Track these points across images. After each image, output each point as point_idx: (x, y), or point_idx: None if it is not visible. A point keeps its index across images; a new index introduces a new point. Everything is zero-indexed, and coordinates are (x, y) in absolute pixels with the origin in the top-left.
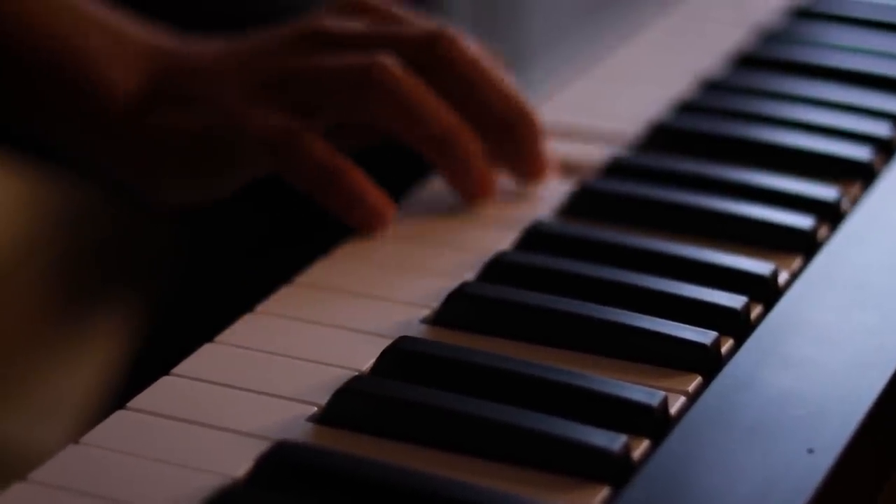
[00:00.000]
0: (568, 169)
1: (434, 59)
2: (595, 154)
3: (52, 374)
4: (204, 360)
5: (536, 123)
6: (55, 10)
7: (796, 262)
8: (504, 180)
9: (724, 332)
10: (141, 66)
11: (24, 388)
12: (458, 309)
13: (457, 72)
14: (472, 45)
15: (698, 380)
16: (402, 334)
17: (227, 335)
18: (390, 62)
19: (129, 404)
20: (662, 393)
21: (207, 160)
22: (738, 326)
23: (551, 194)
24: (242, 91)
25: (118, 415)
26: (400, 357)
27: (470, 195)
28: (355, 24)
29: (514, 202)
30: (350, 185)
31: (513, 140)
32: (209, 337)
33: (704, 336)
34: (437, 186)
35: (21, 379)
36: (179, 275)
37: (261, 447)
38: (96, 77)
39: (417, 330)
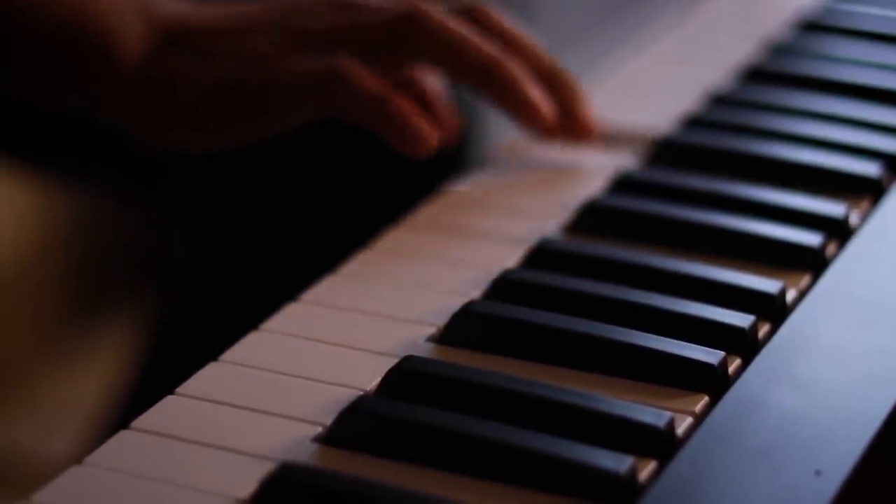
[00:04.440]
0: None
1: (473, 20)
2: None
3: (59, 383)
4: (208, 379)
5: (575, 81)
6: None
7: (804, 280)
8: (507, 198)
9: (731, 351)
10: (154, 17)
11: (32, 397)
12: (464, 327)
13: (496, 29)
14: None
15: (705, 400)
16: (407, 353)
17: (232, 354)
18: (430, 7)
19: (133, 424)
20: (669, 414)
21: (230, 112)
22: (746, 346)
23: (562, 206)
24: (274, 44)
25: (122, 435)
26: (405, 377)
27: (527, 117)
28: None
29: (521, 218)
30: (400, 111)
31: (556, 94)
32: (216, 350)
33: (712, 356)
34: (442, 203)
35: (28, 388)
36: (189, 284)
37: (265, 468)
38: (108, 29)
39: (423, 349)
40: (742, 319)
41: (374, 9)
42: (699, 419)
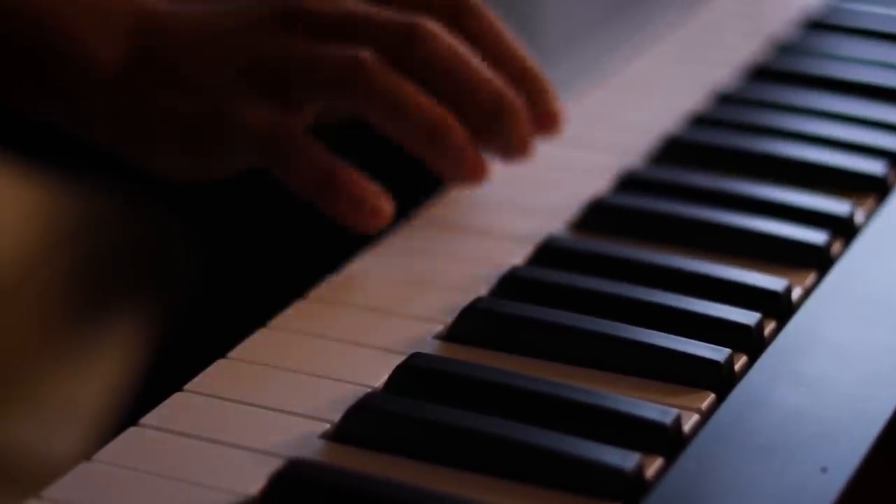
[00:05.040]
0: None
1: (414, 54)
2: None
3: (63, 381)
4: (217, 376)
5: (518, 112)
6: None
7: (810, 278)
8: (514, 196)
9: (737, 348)
10: (124, 28)
11: (37, 396)
12: (471, 324)
13: (436, 66)
14: (452, 37)
15: (711, 397)
16: (415, 350)
17: (240, 350)
18: (372, 58)
19: (142, 421)
20: (675, 411)
21: (197, 142)
22: (752, 343)
23: (568, 204)
24: (228, 77)
25: (130, 431)
26: (413, 374)
27: (463, 181)
28: (335, 4)
29: (528, 215)
30: (349, 187)
31: (496, 129)
32: (223, 347)
33: (718, 353)
34: (449, 201)
35: (33, 386)
36: (194, 283)
37: (274, 465)
38: (77, 40)
39: (430, 346)
40: (748, 317)
41: (318, 45)
42: (705, 416)
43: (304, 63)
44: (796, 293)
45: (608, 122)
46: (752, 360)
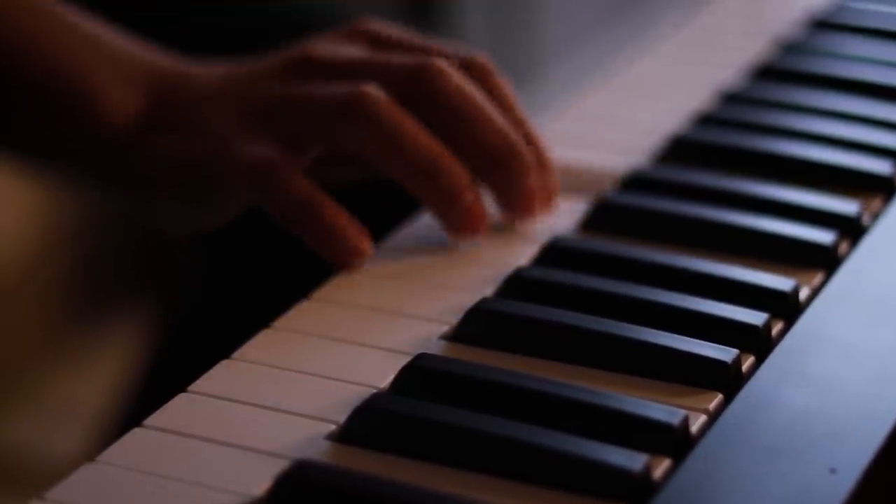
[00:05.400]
0: (581, 182)
1: (421, 92)
2: (609, 165)
3: (64, 382)
4: (221, 376)
5: (526, 160)
6: (47, 27)
7: (817, 278)
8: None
9: (744, 349)
10: (139, 86)
11: (38, 396)
12: (477, 325)
13: (444, 104)
14: (464, 79)
15: (719, 398)
16: (420, 351)
17: (245, 351)
18: (375, 91)
19: (146, 422)
20: (683, 412)
21: (197, 190)
22: (760, 343)
23: (571, 207)
24: (233, 121)
25: (134, 433)
26: (419, 374)
27: (457, 230)
28: (346, 51)
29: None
30: (327, 220)
31: (502, 176)
32: (224, 348)
33: (725, 353)
34: None
35: (34, 386)
36: (197, 283)
37: (279, 466)
38: (92, 97)
39: (436, 346)
40: (755, 317)
41: (318, 86)
42: (713, 417)
43: (305, 99)
44: (804, 293)
45: (613, 122)
46: (760, 360)
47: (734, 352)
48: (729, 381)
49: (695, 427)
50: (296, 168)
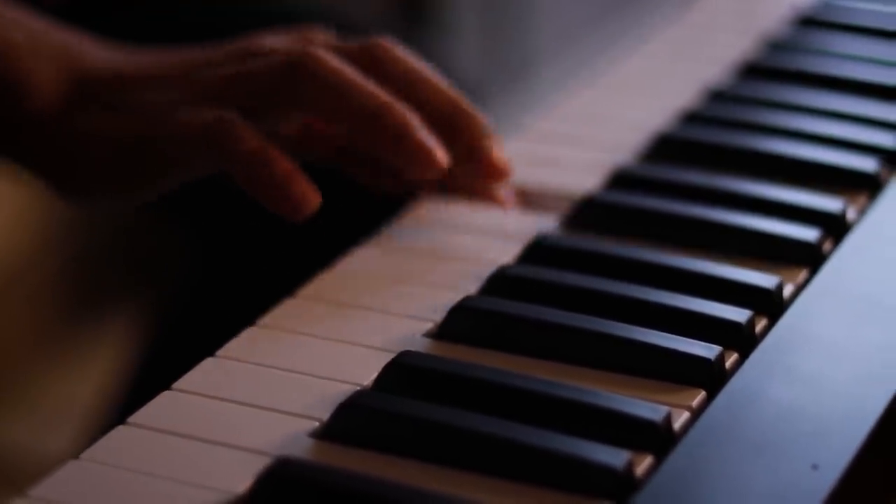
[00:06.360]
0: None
1: (372, 60)
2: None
3: (56, 381)
4: (205, 374)
5: (480, 121)
6: None
7: (801, 275)
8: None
9: (728, 346)
10: (65, 65)
11: (30, 396)
12: (460, 323)
13: (395, 69)
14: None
15: (702, 395)
16: (404, 348)
17: (229, 349)
18: (319, 51)
19: (130, 419)
20: (666, 408)
21: (137, 167)
22: (743, 340)
23: (562, 197)
24: (171, 99)
25: (118, 430)
26: (402, 372)
27: (413, 169)
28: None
29: (518, 214)
30: (277, 172)
31: (459, 137)
32: (216, 347)
33: (708, 350)
34: (438, 200)
35: (26, 386)
36: (187, 283)
37: (262, 463)
38: (18, 73)
39: (420, 344)
40: (739, 314)
41: (263, 58)
42: (696, 414)
43: (252, 71)
44: (788, 290)
45: (600, 120)
46: (744, 357)
47: (717, 349)
48: (712, 378)
49: (678, 424)
50: (244, 123)
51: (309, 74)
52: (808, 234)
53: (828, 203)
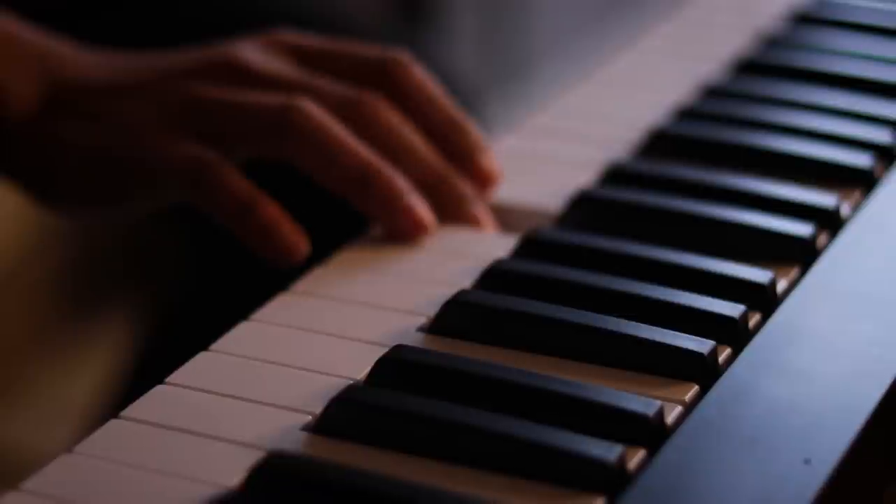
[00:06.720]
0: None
1: (360, 115)
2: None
3: (54, 378)
4: (198, 368)
5: (477, 137)
6: None
7: (795, 271)
8: (499, 189)
9: (721, 341)
10: (41, 71)
11: (27, 393)
12: (454, 317)
13: (384, 120)
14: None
15: (695, 389)
16: (398, 343)
17: (222, 343)
18: (308, 105)
19: (123, 413)
20: (659, 402)
21: (109, 180)
22: (736, 335)
23: (557, 192)
24: (151, 114)
25: (111, 424)
26: (396, 366)
27: (398, 233)
28: (279, 65)
29: (512, 210)
30: (265, 219)
31: (456, 153)
32: (211, 342)
33: (702, 345)
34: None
35: (23, 383)
36: (184, 280)
37: (255, 457)
38: None
39: (414, 338)
40: (732, 309)
41: (244, 95)
42: (689, 408)
43: (236, 106)
44: (781, 286)
45: (594, 116)
46: (737, 352)
47: (710, 343)
48: (705, 372)
49: (670, 418)
50: (231, 166)
51: (296, 131)
52: (802, 229)
53: (822, 198)
